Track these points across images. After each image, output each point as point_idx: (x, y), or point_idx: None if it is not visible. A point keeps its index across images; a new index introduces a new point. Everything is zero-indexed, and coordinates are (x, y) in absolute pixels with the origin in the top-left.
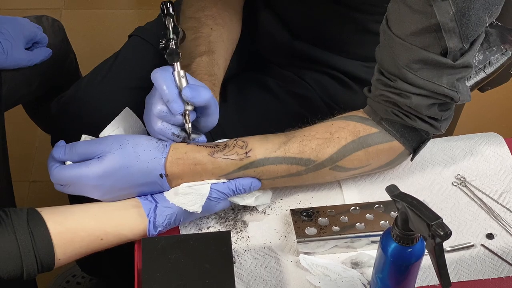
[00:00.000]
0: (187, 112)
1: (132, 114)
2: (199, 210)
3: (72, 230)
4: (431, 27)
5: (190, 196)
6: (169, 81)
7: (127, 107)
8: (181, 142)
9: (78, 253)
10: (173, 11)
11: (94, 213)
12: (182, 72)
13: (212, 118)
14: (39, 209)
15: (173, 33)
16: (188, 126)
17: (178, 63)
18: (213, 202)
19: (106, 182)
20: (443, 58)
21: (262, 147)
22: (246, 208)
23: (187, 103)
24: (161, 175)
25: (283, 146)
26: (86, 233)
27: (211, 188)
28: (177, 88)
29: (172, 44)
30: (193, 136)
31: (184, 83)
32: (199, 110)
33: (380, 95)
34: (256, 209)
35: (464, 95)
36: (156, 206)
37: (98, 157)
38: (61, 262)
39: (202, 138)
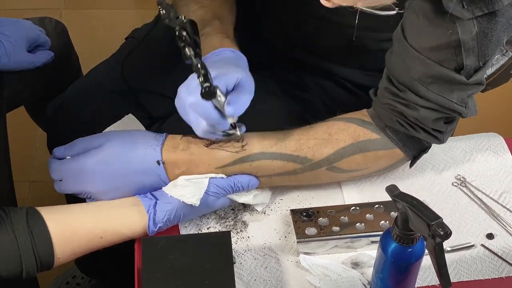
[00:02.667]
0: (232, 123)
1: (135, 120)
2: (197, 202)
3: (71, 228)
4: (451, 43)
5: (188, 189)
6: (210, 109)
7: (130, 114)
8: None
9: (77, 251)
10: (193, 34)
11: (93, 211)
12: (218, 91)
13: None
14: (38, 208)
15: (197, 57)
16: (236, 133)
17: None
18: (211, 198)
19: (105, 168)
20: (457, 74)
21: (258, 142)
22: (246, 209)
23: (232, 117)
24: (158, 162)
25: (279, 143)
26: (86, 231)
27: (209, 182)
28: (217, 109)
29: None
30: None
31: (222, 99)
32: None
33: (386, 103)
34: (256, 209)
35: (472, 110)
36: (155, 202)
37: (97, 148)
38: (61, 261)
39: (243, 128)
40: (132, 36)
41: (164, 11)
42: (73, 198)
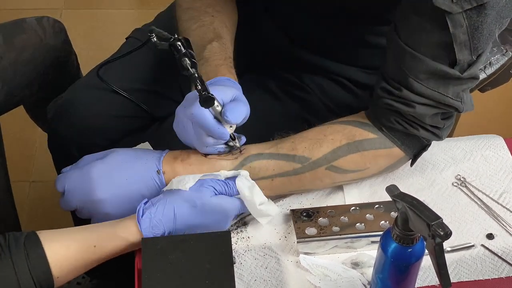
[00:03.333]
0: (231, 133)
1: (149, 147)
2: (187, 188)
3: (66, 243)
4: (442, 39)
5: (181, 180)
6: (208, 117)
7: (147, 142)
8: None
9: (75, 267)
10: (187, 47)
11: (87, 226)
12: (216, 102)
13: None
14: (38, 232)
15: (193, 68)
16: (236, 144)
17: None
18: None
19: (107, 175)
20: (451, 69)
21: (255, 146)
22: None
23: (230, 126)
24: (158, 172)
25: (276, 145)
26: (79, 243)
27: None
28: (216, 119)
29: (198, 85)
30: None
31: (220, 109)
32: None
33: (383, 103)
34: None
35: (468, 105)
36: (147, 200)
37: (101, 159)
38: (60, 281)
39: (243, 138)
40: (133, 36)
41: (155, 38)
42: (79, 220)
